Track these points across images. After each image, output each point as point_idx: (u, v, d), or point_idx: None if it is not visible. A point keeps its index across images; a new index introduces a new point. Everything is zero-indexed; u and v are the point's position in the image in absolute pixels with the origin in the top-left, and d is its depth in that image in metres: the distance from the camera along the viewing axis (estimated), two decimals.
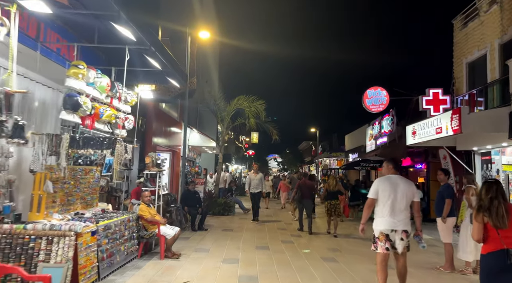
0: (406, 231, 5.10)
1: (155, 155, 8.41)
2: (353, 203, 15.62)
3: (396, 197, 5.09)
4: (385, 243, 5.04)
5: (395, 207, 5.07)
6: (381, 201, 5.14)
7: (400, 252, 5.10)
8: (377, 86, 18.45)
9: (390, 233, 5.06)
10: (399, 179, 5.34)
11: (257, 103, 14.56)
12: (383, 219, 5.11)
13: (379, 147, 19.55)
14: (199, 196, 11.18)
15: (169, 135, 14.63)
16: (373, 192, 5.23)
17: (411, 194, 5.20)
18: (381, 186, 5.20)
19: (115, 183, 9.66)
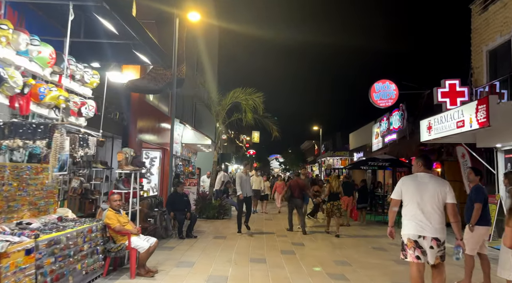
0: (436, 238, 4.36)
1: (130, 151, 7.10)
2: (361, 205, 14.31)
3: (423, 198, 4.46)
4: (415, 251, 4.37)
5: (422, 209, 4.43)
6: (405, 202, 4.58)
7: (431, 262, 4.40)
8: (385, 79, 17.12)
9: (418, 239, 4.39)
10: (429, 178, 4.61)
11: (255, 96, 13.25)
12: (409, 222, 4.50)
13: (387, 144, 18.22)
14: (187, 199, 9.88)
15: (159, 132, 13.34)
16: (396, 191, 4.70)
17: (443, 194, 4.49)
18: (405, 185, 4.64)
19: (93, 184, 8.43)
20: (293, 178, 14.17)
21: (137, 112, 11.01)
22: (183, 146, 16.61)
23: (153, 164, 14.04)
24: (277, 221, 13.54)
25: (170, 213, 9.49)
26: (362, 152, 25.62)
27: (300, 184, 11.20)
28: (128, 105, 10.72)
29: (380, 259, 7.94)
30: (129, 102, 10.80)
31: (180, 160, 17.14)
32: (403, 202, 4.60)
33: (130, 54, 6.08)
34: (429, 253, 4.35)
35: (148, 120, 12.13)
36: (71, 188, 7.56)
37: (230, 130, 42.90)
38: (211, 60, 21.23)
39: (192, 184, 14.16)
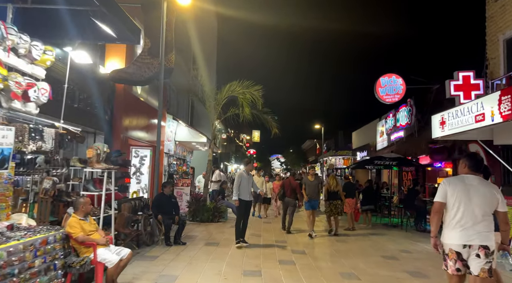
0: (485, 246, 3.85)
1: (102, 147, 6.11)
2: (366, 207, 13.33)
3: (471, 203, 3.95)
4: (456, 263, 3.91)
5: (470, 215, 3.94)
6: (450, 207, 4.04)
7: (475, 273, 3.82)
8: (391, 73, 16.12)
9: (462, 249, 3.90)
10: (478, 181, 4.06)
11: (253, 90, 12.26)
12: (453, 231, 3.99)
13: (393, 142, 17.25)
14: (175, 201, 8.91)
15: (149, 129, 12.38)
16: (440, 194, 4.12)
17: (495, 201, 3.97)
18: (451, 187, 4.06)
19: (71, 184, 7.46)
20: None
21: (123, 106, 10.05)
22: (177, 143, 15.65)
23: (143, 163, 13.09)
24: (275, 224, 12.56)
25: (157, 216, 8.51)
26: (366, 151, 24.64)
27: (292, 184, 11.08)
28: (111, 97, 9.76)
29: (392, 270, 6.96)
30: (113, 95, 9.84)
31: (174, 159, 16.19)
32: (447, 206, 4.07)
33: (93, 28, 5.10)
34: (474, 263, 3.83)
35: (136, 115, 11.17)
36: (42, 189, 6.59)
37: (230, 129, 41.99)
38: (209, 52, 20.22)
39: (185, 184, 13.20)
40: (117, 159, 9.04)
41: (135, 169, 13.06)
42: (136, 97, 11.11)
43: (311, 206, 10.43)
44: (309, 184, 10.54)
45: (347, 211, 12.20)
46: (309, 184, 10.54)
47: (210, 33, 21.72)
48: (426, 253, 8.69)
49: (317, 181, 10.73)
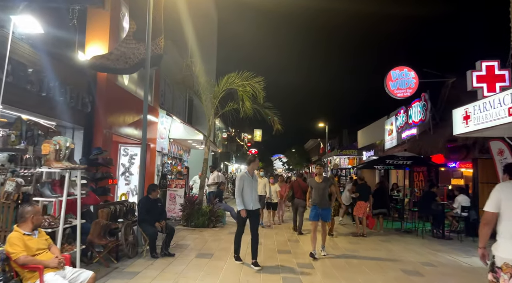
0: None
1: (64, 141, 4.92)
2: (377, 210, 12.15)
3: None
4: (511, 278, 3.46)
5: None
6: (506, 216, 3.64)
7: None
8: (403, 66, 14.97)
9: None
10: None
11: (253, 81, 11.09)
12: (509, 242, 3.57)
13: (404, 140, 16.05)
14: (162, 206, 7.75)
15: (140, 125, 11.23)
16: (493, 203, 3.71)
17: None
18: (505, 193, 3.69)
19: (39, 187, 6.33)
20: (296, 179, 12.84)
21: (106, 98, 8.92)
22: (171, 141, 14.52)
23: (132, 162, 11.95)
24: (279, 230, 11.41)
25: (143, 223, 7.36)
26: (373, 150, 23.45)
27: (301, 185, 11.21)
28: (93, 88, 8.63)
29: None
30: (95, 85, 8.70)
31: (169, 158, 15.06)
32: (501, 215, 3.67)
33: None
34: None
35: (123, 109, 10.03)
36: (3, 193, 5.49)
37: (230, 128, 40.87)
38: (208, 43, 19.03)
39: (178, 185, 12.05)
40: (97, 157, 7.93)
41: (124, 169, 11.95)
42: (122, 89, 9.97)
43: (316, 215, 7.93)
44: (315, 187, 8.11)
45: (358, 214, 11.04)
46: (315, 187, 8.11)
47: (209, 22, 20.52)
48: (452, 266, 7.53)
49: (325, 183, 8.09)
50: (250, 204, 7.02)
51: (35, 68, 6.44)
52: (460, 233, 11.18)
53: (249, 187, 7.07)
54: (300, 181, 11.82)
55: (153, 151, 12.51)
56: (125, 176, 11.90)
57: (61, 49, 7.58)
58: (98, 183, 8.03)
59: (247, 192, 7.02)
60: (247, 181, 7.11)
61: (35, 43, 6.69)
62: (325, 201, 7.98)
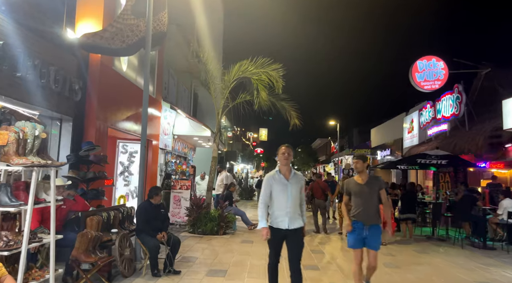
0: None
1: (31, 129, 3.52)
2: (405, 215, 10.83)
3: None
4: None
5: None
6: None
7: None
8: (430, 55, 13.60)
9: None
10: None
11: (269, 69, 9.75)
12: None
13: (431, 138, 14.67)
14: (165, 214, 6.41)
15: (139, 118, 9.94)
16: None
17: None
18: None
19: None
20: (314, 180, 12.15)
21: (100, 85, 7.60)
22: (176, 138, 13.21)
23: (132, 160, 10.67)
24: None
25: (142, 234, 6.04)
26: (388, 149, 22.07)
27: (321, 185, 11.19)
28: (84, 72, 7.31)
29: None
30: (86, 69, 7.39)
31: (173, 156, 13.76)
32: None
33: None
34: None
35: (121, 99, 8.72)
36: None
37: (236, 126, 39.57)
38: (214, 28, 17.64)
39: (184, 187, 10.74)
40: (88, 153, 6.63)
41: (122, 168, 10.66)
42: (120, 76, 8.66)
43: (359, 240, 4.99)
44: (357, 192, 5.07)
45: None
46: (357, 192, 5.07)
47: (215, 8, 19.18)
48: None
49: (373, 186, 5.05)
50: (283, 220, 4.45)
51: (7, 40, 5.13)
52: (502, 241, 9.83)
53: (282, 193, 4.50)
54: (319, 181, 11.60)
55: (156, 148, 11.21)
56: (124, 175, 10.61)
57: (45, 24, 6.27)
58: (90, 184, 6.73)
59: (279, 202, 4.50)
60: (277, 184, 4.56)
61: (9, 12, 5.39)
62: (374, 214, 4.95)
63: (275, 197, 4.54)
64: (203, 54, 9.98)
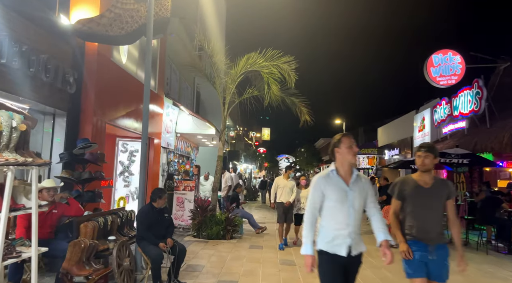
0: None
1: (7, 118, 2.90)
2: None
3: None
4: None
5: None
6: None
7: None
8: (446, 49, 12.93)
9: None
10: None
11: (280, 62, 9.08)
12: None
13: (446, 136, 13.99)
14: (170, 219, 5.74)
15: (141, 114, 9.29)
16: None
17: None
18: None
19: None
20: None
21: (98, 77, 6.96)
22: (178, 136, 12.56)
23: (133, 159, 10.00)
24: None
25: (143, 240, 5.38)
26: (397, 149, 21.39)
27: None
28: (79, 62, 6.67)
29: None
30: (82, 59, 6.74)
31: (176, 156, 13.12)
32: None
33: None
34: None
35: (121, 93, 8.07)
36: None
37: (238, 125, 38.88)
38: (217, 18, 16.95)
39: (187, 188, 10.09)
40: (83, 151, 5.99)
41: (122, 168, 10.02)
42: (120, 69, 8.01)
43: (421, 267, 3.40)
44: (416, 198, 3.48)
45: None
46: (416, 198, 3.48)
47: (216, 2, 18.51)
48: None
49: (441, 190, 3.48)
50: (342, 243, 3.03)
51: None
52: None
53: (340, 204, 3.07)
54: None
55: (157, 147, 10.56)
56: (124, 176, 9.95)
57: (35, 8, 5.62)
58: (86, 186, 6.08)
59: (336, 216, 3.08)
60: (333, 190, 3.09)
61: None
62: (440, 230, 3.46)
63: (329, 208, 3.10)
64: (208, 46, 9.31)
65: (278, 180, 8.86)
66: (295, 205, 8.73)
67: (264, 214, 15.98)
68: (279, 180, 8.87)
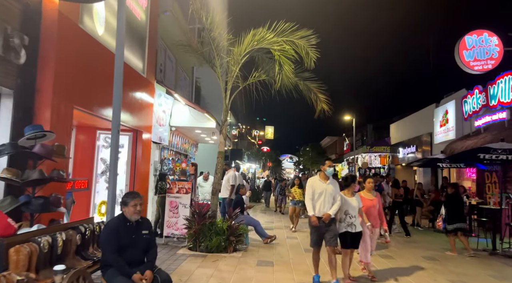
0: None
1: None
2: (454, 226, 8.65)
3: None
4: None
5: None
6: None
7: None
8: (481, 29, 11.26)
9: None
10: None
11: (295, 37, 7.43)
12: None
13: (480, 129, 12.30)
14: (150, 237, 4.06)
15: (128, 103, 7.67)
16: None
17: None
18: None
19: None
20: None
21: (60, 46, 5.32)
22: (173, 130, 10.94)
23: (118, 156, 8.38)
24: None
25: (108, 268, 3.74)
26: (414, 146, 19.71)
27: None
28: (31, 24, 5.04)
29: None
30: (37, 20, 5.11)
31: (170, 153, 11.49)
32: None
33: None
34: None
35: (97, 73, 6.41)
36: None
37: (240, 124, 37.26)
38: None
39: (182, 190, 8.46)
40: (35, 142, 4.38)
41: (104, 167, 8.41)
42: (93, 40, 6.35)
43: None
44: None
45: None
46: None
47: None
48: None
49: None
50: None
51: None
52: None
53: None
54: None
55: (147, 143, 8.94)
56: (106, 176, 8.37)
57: None
58: (37, 189, 4.46)
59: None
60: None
61: None
62: None
63: None
64: (206, 18, 7.66)
65: (314, 182, 5.76)
66: (341, 219, 5.78)
67: (271, 217, 14.35)
68: (314, 181, 5.77)
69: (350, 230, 5.70)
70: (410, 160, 19.97)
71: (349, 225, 5.72)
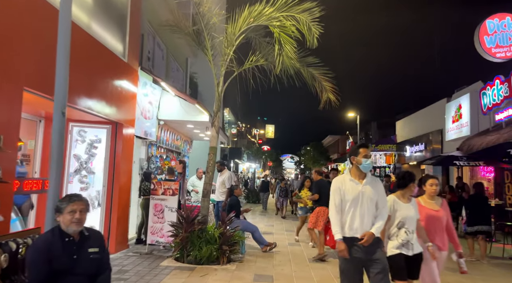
0: None
1: None
2: (475, 228, 7.81)
3: None
4: None
5: None
6: None
7: None
8: (504, 13, 10.18)
9: None
10: None
11: (296, 11, 6.35)
12: None
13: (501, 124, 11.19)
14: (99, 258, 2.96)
15: (103, 90, 6.58)
16: None
17: None
18: None
19: None
20: None
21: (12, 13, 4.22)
22: (162, 124, 9.85)
23: (94, 152, 7.34)
24: None
25: None
26: (423, 144, 18.60)
27: None
28: None
29: None
30: None
31: (159, 150, 10.40)
32: None
33: None
34: None
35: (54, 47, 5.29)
36: None
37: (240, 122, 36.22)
38: None
39: (168, 191, 7.36)
40: None
41: (78, 164, 7.31)
42: (50, 6, 5.25)
43: None
44: None
45: None
46: None
47: None
48: None
49: None
50: None
51: None
52: None
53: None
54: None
55: (129, 138, 7.84)
56: (80, 175, 7.28)
57: None
58: None
59: None
60: None
61: None
62: None
63: None
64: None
65: (342, 183, 3.70)
66: (391, 235, 3.93)
67: (271, 221, 13.21)
68: (343, 182, 3.70)
69: (405, 252, 3.79)
70: (418, 159, 18.88)
71: (405, 244, 3.81)
